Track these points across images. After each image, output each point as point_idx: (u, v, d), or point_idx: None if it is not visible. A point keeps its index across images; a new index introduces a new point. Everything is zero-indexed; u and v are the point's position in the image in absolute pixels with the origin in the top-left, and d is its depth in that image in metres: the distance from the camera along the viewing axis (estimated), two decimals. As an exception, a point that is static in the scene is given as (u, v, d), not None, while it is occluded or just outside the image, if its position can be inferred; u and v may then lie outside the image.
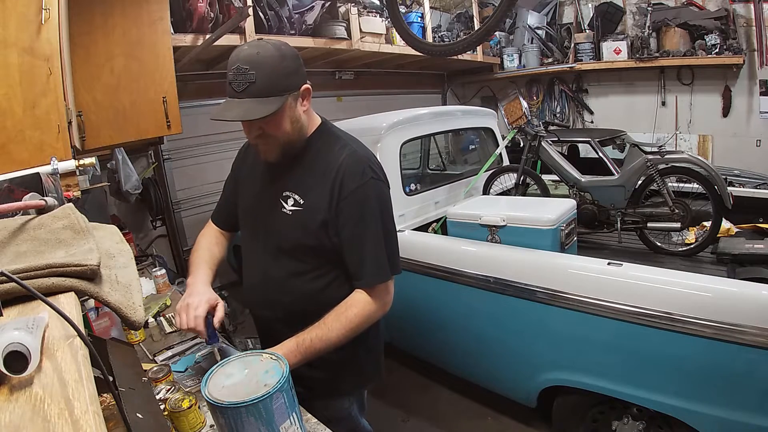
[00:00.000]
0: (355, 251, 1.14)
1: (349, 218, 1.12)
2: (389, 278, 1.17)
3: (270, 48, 1.05)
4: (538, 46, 4.86)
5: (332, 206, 1.12)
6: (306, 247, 1.16)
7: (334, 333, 1.10)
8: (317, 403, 1.24)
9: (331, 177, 1.13)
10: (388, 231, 1.17)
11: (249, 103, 1.02)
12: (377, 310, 1.16)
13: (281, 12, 3.03)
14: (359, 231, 1.13)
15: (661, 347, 1.43)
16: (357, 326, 1.13)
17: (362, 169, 1.14)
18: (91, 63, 1.94)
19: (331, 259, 1.17)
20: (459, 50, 2.31)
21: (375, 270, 1.14)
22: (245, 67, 1.01)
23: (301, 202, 1.15)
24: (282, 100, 1.04)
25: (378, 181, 1.16)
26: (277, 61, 1.04)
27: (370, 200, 1.13)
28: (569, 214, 2.07)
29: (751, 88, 3.87)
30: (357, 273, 1.15)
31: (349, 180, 1.12)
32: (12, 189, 1.00)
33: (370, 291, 1.15)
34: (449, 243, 2.15)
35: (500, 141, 3.17)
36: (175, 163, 3.30)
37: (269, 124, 1.07)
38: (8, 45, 1.15)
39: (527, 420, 2.12)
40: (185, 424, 1.00)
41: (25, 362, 0.45)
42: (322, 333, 1.10)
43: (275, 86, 1.03)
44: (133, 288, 0.72)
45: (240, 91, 1.02)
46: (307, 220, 1.14)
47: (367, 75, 4.54)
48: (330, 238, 1.15)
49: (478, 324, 2.01)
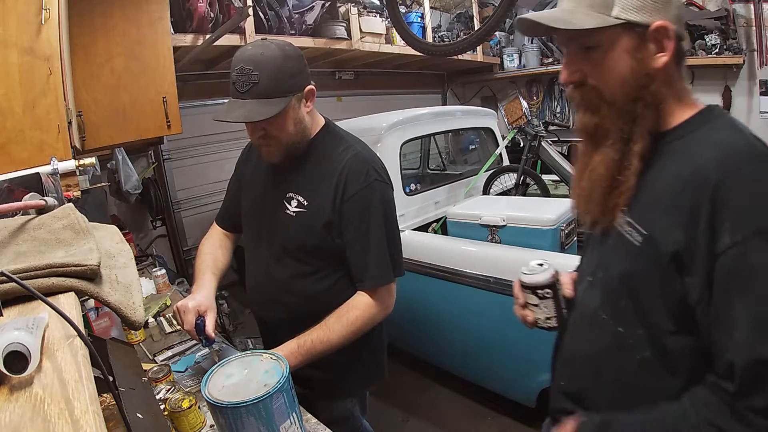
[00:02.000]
0: (358, 253, 1.14)
1: (352, 220, 1.12)
2: (392, 281, 1.17)
3: (274, 48, 1.04)
4: (538, 46, 4.85)
5: (335, 208, 1.12)
6: (310, 248, 1.16)
7: (335, 335, 1.10)
8: (319, 404, 1.25)
9: (335, 178, 1.12)
10: (391, 233, 1.17)
11: (252, 104, 1.01)
12: (379, 312, 1.16)
13: (281, 12, 3.03)
14: (362, 233, 1.13)
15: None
16: (358, 329, 1.13)
17: (366, 171, 1.13)
18: (91, 63, 1.94)
19: (335, 261, 1.17)
20: (459, 50, 2.31)
21: (378, 272, 1.14)
22: (249, 68, 1.01)
23: (304, 203, 1.15)
24: (286, 102, 1.04)
25: (381, 183, 1.16)
26: (280, 62, 1.03)
27: (373, 202, 1.13)
28: (569, 214, 2.07)
29: (751, 88, 3.87)
30: (360, 275, 1.15)
31: (353, 182, 1.11)
32: (12, 189, 1.00)
33: (373, 293, 1.14)
34: (449, 243, 2.15)
35: (500, 141, 3.17)
36: (175, 163, 3.30)
37: (273, 125, 1.07)
38: (8, 45, 1.15)
39: (527, 420, 2.12)
40: (185, 424, 1.00)
41: (25, 362, 0.45)
42: (323, 335, 1.09)
43: (279, 87, 1.03)
44: (133, 288, 0.72)
45: (243, 92, 1.02)
46: (310, 221, 1.14)
47: (367, 75, 4.53)
48: (333, 239, 1.14)
49: (478, 324, 2.01)
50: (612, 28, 0.65)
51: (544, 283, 0.83)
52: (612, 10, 0.65)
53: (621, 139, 0.70)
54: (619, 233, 0.71)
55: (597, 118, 0.71)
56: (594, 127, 0.72)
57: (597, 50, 0.68)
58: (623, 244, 0.70)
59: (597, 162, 0.72)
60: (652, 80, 0.67)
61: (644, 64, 0.66)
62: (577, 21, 0.66)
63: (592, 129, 0.73)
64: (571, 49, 0.71)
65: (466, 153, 3.57)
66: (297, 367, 1.07)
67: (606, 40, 0.67)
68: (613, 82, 0.68)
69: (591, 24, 0.65)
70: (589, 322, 0.78)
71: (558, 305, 0.84)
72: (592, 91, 0.70)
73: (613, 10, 0.65)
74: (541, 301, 0.84)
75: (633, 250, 0.68)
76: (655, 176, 0.68)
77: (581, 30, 0.66)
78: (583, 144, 0.77)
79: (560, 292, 0.85)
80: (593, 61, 0.69)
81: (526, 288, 0.85)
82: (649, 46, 0.66)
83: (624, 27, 0.65)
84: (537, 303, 0.85)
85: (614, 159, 0.70)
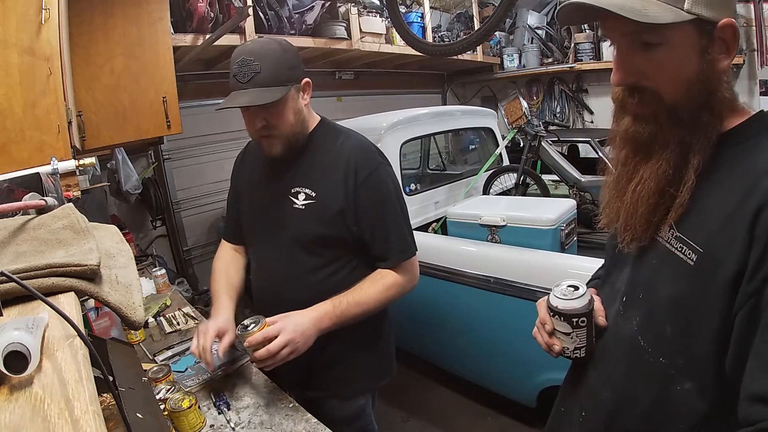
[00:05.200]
0: (379, 234, 1.17)
1: (368, 203, 1.15)
2: (414, 253, 1.21)
3: (272, 42, 1.10)
4: (538, 46, 4.85)
5: (348, 194, 1.14)
6: (324, 238, 1.17)
7: (371, 298, 1.13)
8: (334, 402, 1.25)
9: (342, 167, 1.15)
10: (405, 211, 1.22)
11: (255, 91, 1.04)
12: (408, 282, 1.20)
13: (281, 12, 3.03)
14: (380, 214, 1.16)
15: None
16: (393, 295, 1.17)
17: (371, 156, 1.18)
18: (91, 63, 1.94)
19: (349, 250, 1.19)
20: (459, 50, 2.31)
21: (401, 247, 1.18)
22: (250, 59, 1.04)
23: (312, 195, 1.16)
24: (286, 90, 1.07)
25: (387, 165, 1.21)
26: (279, 54, 1.07)
27: (386, 184, 1.18)
28: (569, 214, 2.07)
29: (751, 88, 3.87)
30: (383, 254, 1.18)
31: (363, 167, 1.15)
32: (12, 189, 1.00)
33: (399, 269, 1.18)
34: (449, 243, 2.15)
35: (500, 141, 3.17)
36: (175, 163, 3.30)
37: (273, 115, 1.09)
38: (8, 45, 1.15)
39: (527, 420, 2.12)
40: (185, 424, 1.00)
41: (25, 362, 0.45)
42: (358, 297, 1.12)
43: (279, 76, 1.06)
44: (133, 288, 0.72)
45: (245, 82, 1.04)
46: (322, 211, 1.15)
47: (367, 75, 4.53)
48: (348, 227, 1.16)
49: (478, 324, 2.01)
50: (682, 24, 0.57)
51: (582, 311, 0.73)
52: (684, 3, 0.57)
53: (680, 151, 0.61)
54: (666, 251, 0.64)
55: (654, 126, 0.63)
56: (648, 137, 0.63)
57: (659, 48, 0.59)
58: (672, 263, 0.62)
59: (646, 175, 0.64)
60: (719, 85, 0.60)
61: (711, 66, 0.59)
62: (651, 13, 0.56)
63: (645, 138, 0.64)
64: (626, 45, 0.62)
65: (466, 153, 3.57)
66: (329, 329, 1.09)
67: (673, 38, 0.58)
68: (678, 85, 0.60)
69: (668, 18, 0.56)
70: (623, 349, 0.70)
71: (590, 335, 0.74)
72: (651, 95, 0.62)
73: (685, 3, 0.57)
74: (574, 330, 0.74)
75: (685, 270, 0.60)
76: (710, 188, 0.60)
77: (648, 24, 0.57)
78: (626, 152, 0.68)
79: (594, 320, 0.75)
80: (654, 61, 0.60)
81: (558, 314, 0.75)
82: (716, 46, 0.59)
83: (693, 23, 0.58)
84: (569, 332, 0.74)
85: (667, 172, 0.62)
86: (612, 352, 0.73)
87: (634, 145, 0.66)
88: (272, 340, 1.00)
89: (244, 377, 1.23)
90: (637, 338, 0.67)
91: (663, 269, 0.64)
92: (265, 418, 1.06)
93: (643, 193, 0.65)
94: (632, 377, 0.69)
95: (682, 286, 0.61)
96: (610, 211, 0.73)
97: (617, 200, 0.71)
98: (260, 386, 1.18)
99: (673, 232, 0.63)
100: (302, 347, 1.04)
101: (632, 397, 0.69)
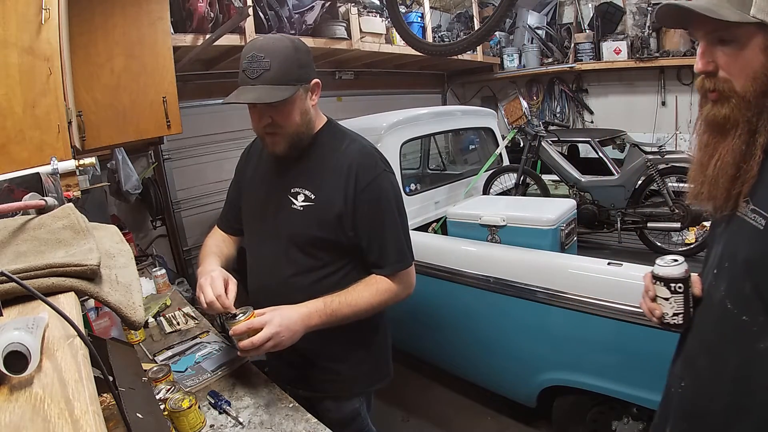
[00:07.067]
0: (376, 242, 1.16)
1: (368, 210, 1.14)
2: (410, 264, 1.21)
3: (285, 39, 1.09)
4: (538, 46, 4.85)
5: (348, 200, 1.13)
6: (321, 240, 1.16)
7: (363, 300, 1.12)
8: (329, 403, 1.25)
9: (344, 171, 1.14)
10: (404, 220, 1.21)
11: (263, 89, 1.03)
12: (403, 290, 1.19)
13: (281, 12, 3.03)
14: (379, 222, 1.15)
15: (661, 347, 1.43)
16: (385, 300, 1.16)
17: (374, 162, 1.17)
18: (91, 63, 1.94)
19: (345, 254, 1.18)
20: (459, 50, 2.31)
21: (397, 257, 1.17)
22: (260, 55, 1.03)
23: (312, 197, 1.16)
24: (294, 89, 1.06)
25: (390, 173, 1.20)
26: (291, 52, 1.06)
27: (386, 192, 1.16)
28: (569, 214, 2.07)
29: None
30: (379, 262, 1.17)
31: (364, 173, 1.14)
32: (12, 189, 1.00)
33: (393, 277, 1.17)
34: (449, 243, 2.15)
35: (500, 141, 3.17)
36: (175, 163, 3.29)
37: (280, 113, 1.08)
38: (8, 45, 1.15)
39: (527, 420, 2.12)
40: (185, 424, 1.00)
41: (25, 362, 0.45)
42: (351, 299, 1.11)
43: (289, 75, 1.05)
44: (133, 288, 0.72)
45: (254, 78, 1.03)
46: (320, 214, 1.15)
47: (367, 75, 4.53)
48: (346, 232, 1.15)
49: (478, 324, 2.01)
50: (750, 24, 0.69)
51: (678, 277, 0.84)
52: (750, 9, 0.69)
53: (749, 130, 0.73)
54: (743, 220, 0.75)
55: (727, 109, 0.75)
56: (723, 118, 0.76)
57: (732, 44, 0.72)
58: (748, 230, 0.73)
59: (724, 152, 0.76)
60: None
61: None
62: (724, 13, 0.70)
63: (721, 119, 0.76)
64: (707, 40, 0.75)
65: (466, 153, 3.57)
66: (318, 327, 1.08)
67: (742, 36, 0.71)
68: (746, 76, 0.72)
69: (735, 17, 0.69)
70: (714, 314, 0.80)
71: (687, 302, 0.85)
72: (725, 82, 0.74)
73: (751, 9, 0.69)
74: (672, 296, 0.85)
75: (757, 234, 0.71)
76: None
77: (724, 22, 0.70)
78: (706, 135, 0.81)
79: (691, 289, 0.86)
80: (727, 54, 0.73)
81: (659, 280, 0.87)
82: None
83: (758, 27, 0.70)
84: (668, 297, 0.86)
85: (741, 149, 0.74)
86: (705, 320, 0.84)
87: (713, 126, 0.79)
88: (257, 331, 1.01)
89: (244, 377, 1.23)
90: (725, 302, 0.77)
91: (741, 236, 0.76)
92: (265, 418, 1.06)
93: (722, 165, 0.77)
94: (722, 340, 0.79)
95: (754, 248, 0.73)
96: (696, 185, 0.84)
97: (701, 175, 0.82)
98: (260, 386, 1.18)
99: (749, 206, 0.74)
100: (287, 342, 1.04)
101: (724, 360, 0.78)
